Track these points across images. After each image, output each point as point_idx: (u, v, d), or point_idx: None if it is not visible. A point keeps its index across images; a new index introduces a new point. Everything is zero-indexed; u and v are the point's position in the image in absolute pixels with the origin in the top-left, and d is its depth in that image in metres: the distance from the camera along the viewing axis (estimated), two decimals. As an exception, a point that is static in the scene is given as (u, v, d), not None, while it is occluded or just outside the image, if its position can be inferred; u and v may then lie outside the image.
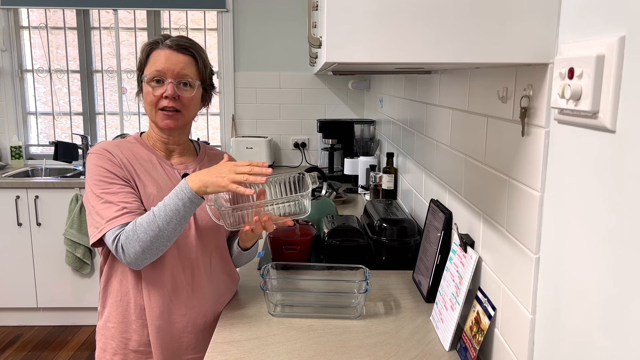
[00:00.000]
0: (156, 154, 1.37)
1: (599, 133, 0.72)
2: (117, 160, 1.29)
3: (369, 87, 3.51)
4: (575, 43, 0.78)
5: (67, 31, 3.71)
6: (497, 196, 1.10)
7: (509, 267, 1.04)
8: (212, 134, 3.88)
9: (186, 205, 1.20)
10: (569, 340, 0.81)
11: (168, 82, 1.28)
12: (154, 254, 1.22)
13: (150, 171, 1.33)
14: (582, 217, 0.77)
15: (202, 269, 1.36)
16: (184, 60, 1.30)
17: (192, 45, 1.33)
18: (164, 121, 1.31)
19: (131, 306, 1.32)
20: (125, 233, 1.20)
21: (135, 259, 1.21)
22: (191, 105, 1.33)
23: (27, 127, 3.78)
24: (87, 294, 3.32)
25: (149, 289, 1.30)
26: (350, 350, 1.20)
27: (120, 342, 1.33)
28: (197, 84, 1.33)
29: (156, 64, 1.28)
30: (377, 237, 1.71)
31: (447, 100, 1.50)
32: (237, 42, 3.67)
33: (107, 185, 1.25)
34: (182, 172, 1.37)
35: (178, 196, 1.20)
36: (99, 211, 1.23)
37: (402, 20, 0.81)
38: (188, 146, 1.43)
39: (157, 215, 1.19)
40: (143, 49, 1.33)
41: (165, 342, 1.32)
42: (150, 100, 1.30)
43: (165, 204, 1.20)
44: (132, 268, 1.25)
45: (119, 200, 1.24)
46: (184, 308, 1.34)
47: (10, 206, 3.21)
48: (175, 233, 1.22)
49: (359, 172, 2.87)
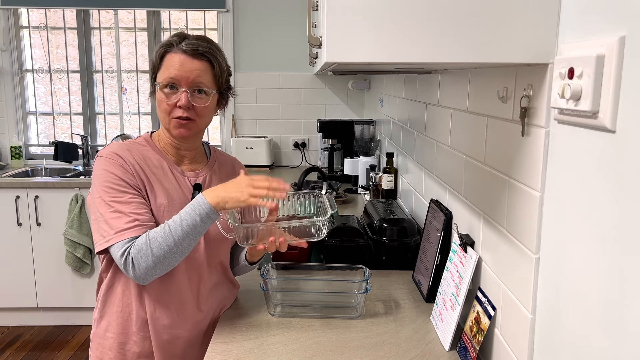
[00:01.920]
0: (167, 159, 1.32)
1: (599, 133, 0.72)
2: (129, 167, 1.23)
3: (369, 87, 3.51)
4: (575, 43, 0.78)
5: (67, 31, 3.71)
6: (497, 196, 1.10)
7: (509, 267, 1.04)
8: (212, 134, 3.88)
9: (204, 221, 1.16)
10: (569, 340, 0.81)
11: (182, 90, 1.22)
12: (164, 269, 1.18)
13: (161, 179, 1.28)
14: (582, 217, 0.77)
15: (207, 281, 1.33)
16: (199, 67, 1.23)
17: (209, 49, 1.25)
18: (177, 129, 1.25)
19: (133, 318, 1.28)
20: (137, 247, 1.15)
21: (145, 274, 1.16)
22: (206, 113, 1.28)
23: (27, 127, 3.78)
24: (87, 294, 3.32)
25: (153, 302, 1.26)
26: (350, 350, 1.20)
27: (118, 353, 1.29)
28: (213, 93, 1.27)
29: (170, 70, 1.22)
30: (377, 237, 1.71)
31: (447, 100, 1.50)
32: (237, 42, 3.67)
33: (119, 194, 1.20)
34: (193, 181, 1.33)
35: (195, 211, 1.15)
36: (108, 220, 1.18)
37: (402, 20, 0.81)
38: (199, 151, 1.39)
39: (173, 230, 1.15)
40: (157, 50, 1.26)
41: (168, 355, 1.29)
42: (164, 108, 1.24)
43: (182, 218, 1.16)
44: (139, 283, 1.20)
45: (131, 211, 1.18)
46: (190, 324, 1.31)
47: (10, 206, 3.21)
48: (189, 248, 1.18)
49: (359, 172, 2.87)
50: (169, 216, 1.24)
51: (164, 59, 1.24)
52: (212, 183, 1.35)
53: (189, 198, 1.29)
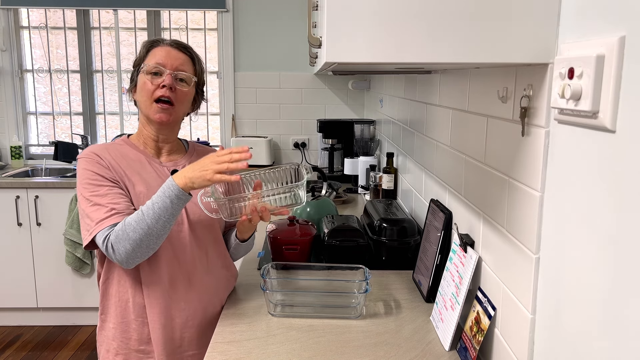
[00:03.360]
0: (145, 153, 1.39)
1: (599, 133, 0.72)
2: (105, 163, 1.31)
3: (369, 87, 3.51)
4: (575, 43, 0.78)
5: (67, 31, 3.71)
6: (497, 196, 1.10)
7: (509, 267, 1.04)
8: (212, 134, 3.88)
9: (174, 202, 1.22)
10: (569, 340, 0.81)
11: (167, 72, 1.32)
12: (145, 252, 1.24)
13: (139, 170, 1.35)
14: (582, 217, 0.77)
15: (198, 263, 1.37)
16: (183, 58, 1.36)
17: (191, 48, 1.41)
18: (157, 114, 1.33)
19: (130, 305, 1.33)
20: (114, 233, 1.22)
21: (126, 257, 1.23)
22: (184, 100, 1.37)
23: (27, 127, 3.78)
24: (87, 294, 3.32)
25: (147, 287, 1.32)
26: (350, 350, 1.20)
27: (121, 342, 1.35)
28: (194, 81, 1.38)
29: (156, 57, 1.33)
30: (377, 237, 1.71)
31: (447, 100, 1.50)
32: (237, 42, 3.67)
33: (96, 188, 1.27)
34: (171, 169, 1.40)
35: (165, 194, 1.22)
36: (89, 214, 1.26)
37: (402, 20, 0.81)
38: (177, 144, 1.46)
39: (146, 214, 1.21)
40: (144, 45, 1.38)
41: (166, 339, 1.33)
42: (148, 89, 1.32)
43: (154, 202, 1.22)
44: (124, 267, 1.26)
45: (108, 201, 1.26)
46: (183, 303, 1.35)
47: (10, 206, 3.21)
48: (164, 230, 1.24)
49: (359, 172, 2.87)
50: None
51: (150, 51, 1.36)
52: None
53: None
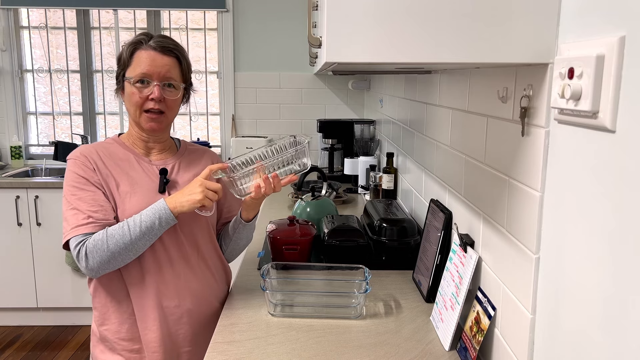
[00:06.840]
0: (134, 153, 1.38)
1: (599, 133, 0.72)
2: (91, 165, 1.30)
3: (369, 87, 3.51)
4: (575, 43, 0.78)
5: (67, 31, 3.71)
6: (497, 196, 1.10)
7: (509, 267, 1.04)
8: (212, 134, 3.88)
9: (161, 224, 1.25)
10: (569, 340, 0.81)
11: (154, 84, 1.30)
12: (118, 264, 1.25)
13: (127, 169, 1.34)
14: (582, 217, 0.77)
15: (190, 260, 1.37)
16: (168, 63, 1.31)
17: (176, 46, 1.34)
18: (148, 124, 1.33)
19: (123, 305, 1.33)
20: (93, 241, 1.22)
21: (99, 267, 1.24)
22: (174, 106, 1.36)
23: (27, 127, 3.78)
24: (87, 294, 3.31)
25: (139, 285, 1.32)
26: (350, 350, 1.20)
27: (114, 341, 1.34)
28: (182, 86, 1.36)
29: (141, 66, 1.29)
30: (377, 237, 1.71)
31: (447, 100, 1.50)
32: (237, 42, 3.67)
33: (78, 191, 1.27)
34: (160, 167, 1.38)
35: (155, 214, 1.24)
36: (67, 217, 1.27)
37: (402, 20, 0.81)
38: (169, 143, 1.45)
39: (132, 229, 1.23)
40: (126, 48, 1.32)
41: (160, 336, 1.33)
42: (136, 101, 1.30)
43: (142, 220, 1.23)
44: (90, 276, 1.27)
45: (87, 208, 1.26)
46: (177, 299, 1.35)
47: (10, 206, 3.21)
48: (143, 248, 1.26)
49: (359, 172, 2.87)
50: (131, 200, 1.30)
51: (133, 55, 1.31)
52: (180, 169, 1.41)
53: (155, 183, 1.35)
